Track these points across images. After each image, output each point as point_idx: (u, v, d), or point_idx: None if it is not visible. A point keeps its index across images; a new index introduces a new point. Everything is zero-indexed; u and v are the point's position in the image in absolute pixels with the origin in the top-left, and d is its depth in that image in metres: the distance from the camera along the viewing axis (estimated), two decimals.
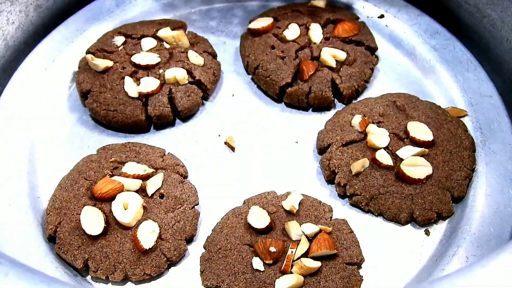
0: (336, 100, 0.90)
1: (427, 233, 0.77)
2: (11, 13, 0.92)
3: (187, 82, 0.87)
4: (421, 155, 0.79)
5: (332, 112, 0.89)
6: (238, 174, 0.83)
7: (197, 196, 0.79)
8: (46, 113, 0.88)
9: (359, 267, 0.73)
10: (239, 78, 0.94)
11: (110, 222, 0.73)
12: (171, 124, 0.88)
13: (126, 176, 0.77)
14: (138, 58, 0.88)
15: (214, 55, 0.94)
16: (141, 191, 0.76)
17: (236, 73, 0.95)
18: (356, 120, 0.83)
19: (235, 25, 1.01)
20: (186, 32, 0.95)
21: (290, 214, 0.75)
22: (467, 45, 0.96)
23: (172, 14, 1.02)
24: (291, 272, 0.70)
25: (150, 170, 0.78)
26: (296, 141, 0.86)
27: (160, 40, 0.93)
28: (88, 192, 0.76)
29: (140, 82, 0.86)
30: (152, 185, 0.77)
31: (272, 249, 0.71)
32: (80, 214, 0.74)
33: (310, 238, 0.73)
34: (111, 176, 0.77)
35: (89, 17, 0.99)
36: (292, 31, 0.92)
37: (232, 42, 0.99)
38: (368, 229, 0.77)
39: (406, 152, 0.79)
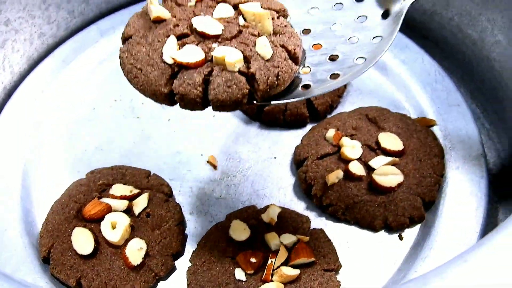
0: (311, 116, 0.94)
1: (400, 238, 0.81)
2: (16, 42, 0.96)
3: (236, 70, 0.65)
4: (392, 164, 0.83)
5: (308, 127, 0.93)
6: (221, 191, 0.87)
7: (181, 213, 0.83)
8: (37, 141, 0.92)
9: (337, 272, 0.77)
10: None
11: (100, 242, 0.77)
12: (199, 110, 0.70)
13: (114, 197, 0.81)
14: (198, 21, 0.69)
15: (294, 57, 0.69)
16: (128, 211, 0.80)
17: None
18: (330, 134, 0.87)
19: None
20: (281, 19, 0.72)
21: (269, 226, 0.79)
22: (451, 62, 1.02)
23: None
24: (272, 281, 0.74)
25: (136, 191, 0.82)
26: (274, 156, 0.90)
27: (239, 13, 0.71)
28: (79, 214, 0.80)
29: (182, 48, 0.67)
30: (139, 205, 0.80)
31: (253, 260, 0.75)
32: (71, 235, 0.77)
33: (289, 248, 0.77)
34: (100, 198, 0.81)
35: (75, 48, 1.03)
36: None
37: None
38: (345, 237, 0.81)
39: (378, 162, 0.83)
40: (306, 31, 0.72)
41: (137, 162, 0.90)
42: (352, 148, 0.85)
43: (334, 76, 0.68)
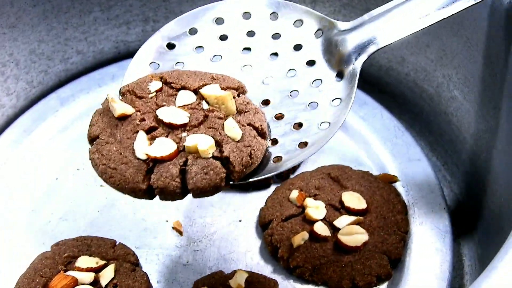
0: (274, 177, 0.95)
1: None
2: None
3: (210, 156, 0.65)
4: (357, 223, 0.84)
5: (272, 188, 0.94)
6: (187, 257, 0.86)
7: (149, 282, 0.82)
8: (0, 214, 0.92)
9: None
10: None
11: None
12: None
13: (80, 269, 0.80)
14: (163, 113, 0.69)
15: (262, 133, 0.70)
16: (96, 283, 0.79)
17: None
18: (294, 195, 0.87)
19: None
20: (242, 96, 0.73)
21: None
22: (409, 116, 1.04)
23: None
24: None
25: (102, 262, 0.81)
26: (239, 219, 0.90)
27: (201, 97, 0.72)
28: None
29: (153, 143, 0.67)
30: (105, 277, 0.79)
31: None
32: None
33: None
34: (66, 271, 0.80)
35: (35, 117, 1.03)
36: None
37: None
38: None
39: (342, 221, 0.84)
40: (265, 102, 0.73)
41: (102, 231, 0.90)
42: (316, 208, 0.85)
43: (302, 144, 0.68)
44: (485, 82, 0.84)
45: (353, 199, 0.86)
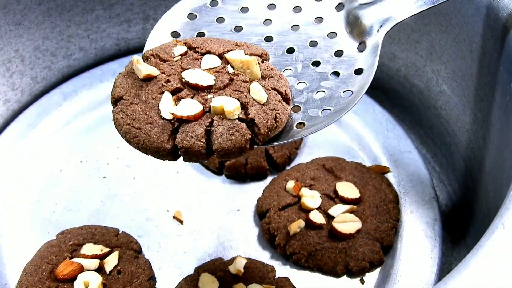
0: (271, 168, 0.99)
1: (362, 282, 0.85)
2: None
3: (236, 117, 0.66)
4: (351, 211, 0.87)
5: (269, 179, 0.97)
6: (188, 245, 0.90)
7: (151, 269, 0.85)
8: (7, 205, 0.94)
9: None
10: None
11: None
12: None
13: (85, 257, 0.83)
14: (189, 74, 0.69)
15: (286, 98, 0.70)
16: (100, 269, 0.82)
17: None
18: (290, 185, 0.91)
19: None
20: (266, 63, 0.73)
21: (237, 277, 0.82)
22: (400, 111, 1.08)
23: None
24: None
25: (107, 249, 0.84)
26: (238, 209, 0.94)
27: (226, 62, 0.72)
28: (51, 275, 0.82)
29: (179, 103, 0.67)
30: (109, 263, 0.83)
31: None
32: None
33: None
34: (71, 258, 0.83)
35: (39, 112, 1.06)
36: None
37: None
38: (309, 284, 0.85)
39: (337, 210, 0.87)
40: (288, 71, 0.74)
41: (106, 220, 0.93)
42: (311, 198, 0.89)
43: (325, 111, 0.69)
44: (472, 76, 0.88)
45: (347, 189, 0.90)
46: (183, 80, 0.69)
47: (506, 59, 0.77)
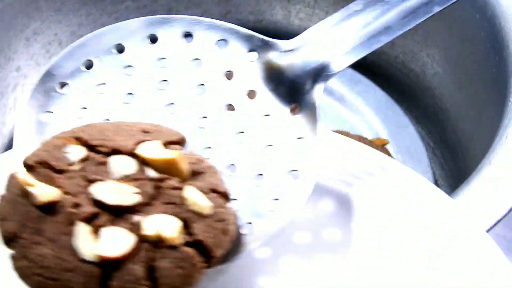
0: None
1: None
2: (24, 86, 1.09)
3: (181, 242, 0.46)
4: None
5: None
6: None
7: None
8: None
9: None
10: None
11: None
12: None
13: None
14: (101, 191, 0.47)
15: (225, 196, 0.50)
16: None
17: None
18: None
19: None
20: (189, 152, 0.52)
21: None
22: (398, 94, 1.18)
23: None
24: None
25: None
26: None
27: (142, 162, 0.49)
28: None
29: (100, 236, 0.45)
30: None
31: None
32: None
33: None
34: None
35: None
36: None
37: None
38: None
39: None
40: (208, 151, 0.55)
41: None
42: None
43: (275, 202, 0.51)
44: (462, 57, 0.99)
45: None
46: (95, 199, 0.47)
47: (491, 37, 0.89)
